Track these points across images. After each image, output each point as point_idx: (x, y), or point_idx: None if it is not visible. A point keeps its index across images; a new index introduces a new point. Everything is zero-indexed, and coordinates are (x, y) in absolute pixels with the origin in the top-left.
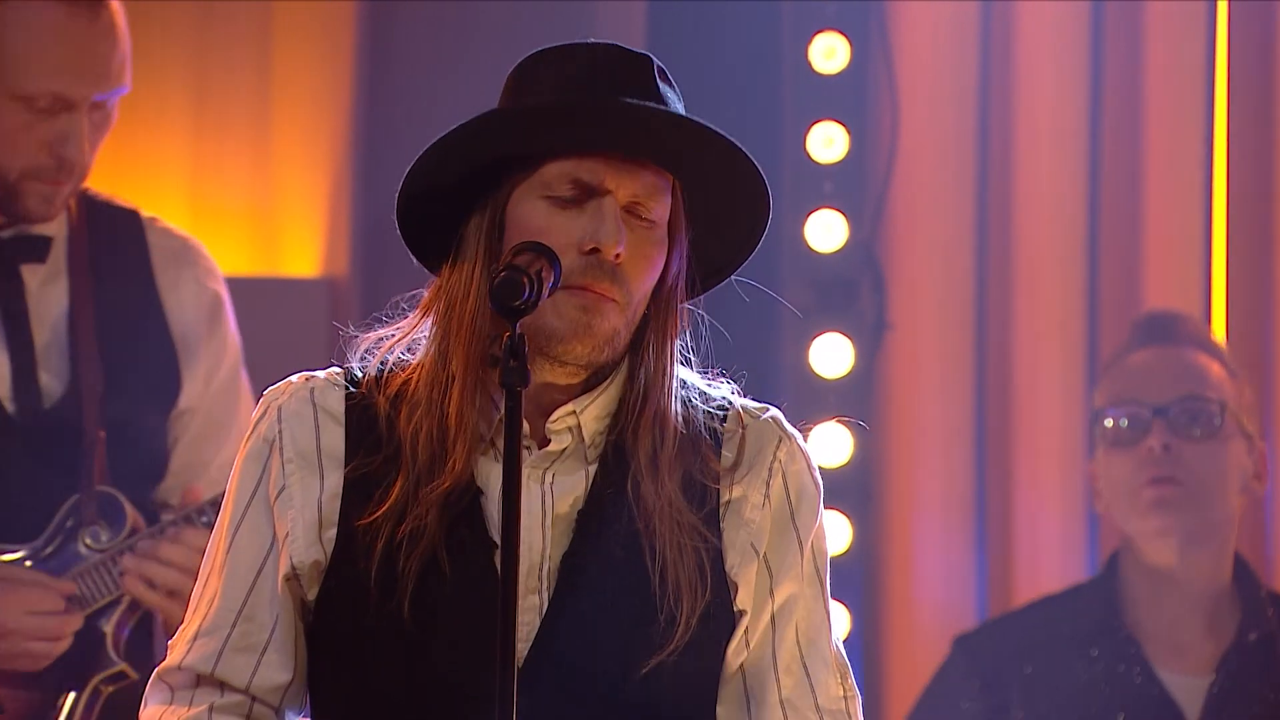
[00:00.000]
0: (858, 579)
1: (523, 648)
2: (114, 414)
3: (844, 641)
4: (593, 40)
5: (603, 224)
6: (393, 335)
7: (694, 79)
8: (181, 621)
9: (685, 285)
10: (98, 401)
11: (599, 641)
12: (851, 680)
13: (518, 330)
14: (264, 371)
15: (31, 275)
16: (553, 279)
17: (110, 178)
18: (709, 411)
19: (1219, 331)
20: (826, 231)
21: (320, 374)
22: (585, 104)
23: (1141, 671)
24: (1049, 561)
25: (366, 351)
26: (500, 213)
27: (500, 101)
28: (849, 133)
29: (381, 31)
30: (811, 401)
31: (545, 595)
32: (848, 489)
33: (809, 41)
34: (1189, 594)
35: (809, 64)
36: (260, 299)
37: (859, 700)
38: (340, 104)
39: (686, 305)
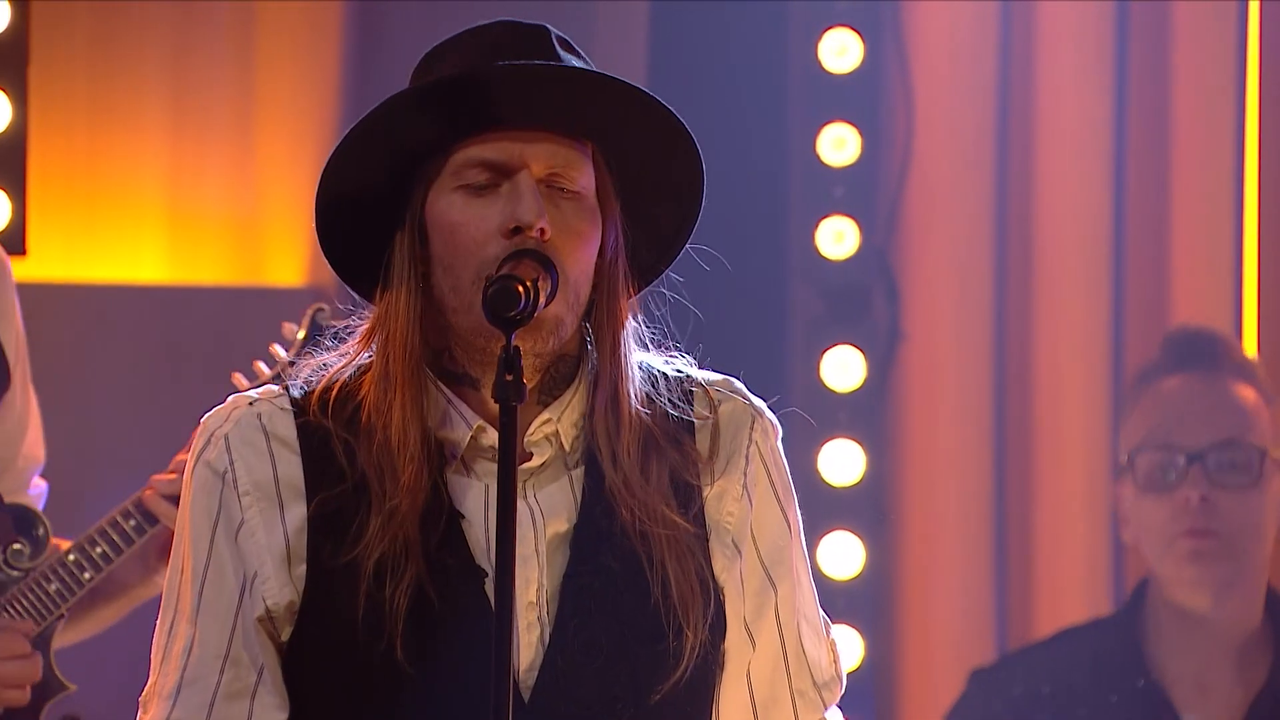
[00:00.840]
0: (870, 605)
1: (529, 678)
2: None
3: (855, 671)
4: (489, 21)
5: (520, 200)
6: (334, 364)
7: (698, 79)
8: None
9: (629, 262)
10: None
11: (608, 666)
12: (833, 637)
13: (513, 343)
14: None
15: None
16: (550, 288)
17: (85, 181)
18: (675, 398)
19: (1249, 346)
20: (837, 238)
21: (258, 395)
22: (466, 74)
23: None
24: (1072, 590)
25: (307, 380)
26: (419, 220)
27: None
28: (861, 135)
29: (371, 30)
30: (822, 416)
31: (547, 622)
32: (859, 509)
33: (819, 39)
34: (1219, 637)
35: (819, 62)
36: (243, 310)
37: (838, 646)
38: (327, 105)
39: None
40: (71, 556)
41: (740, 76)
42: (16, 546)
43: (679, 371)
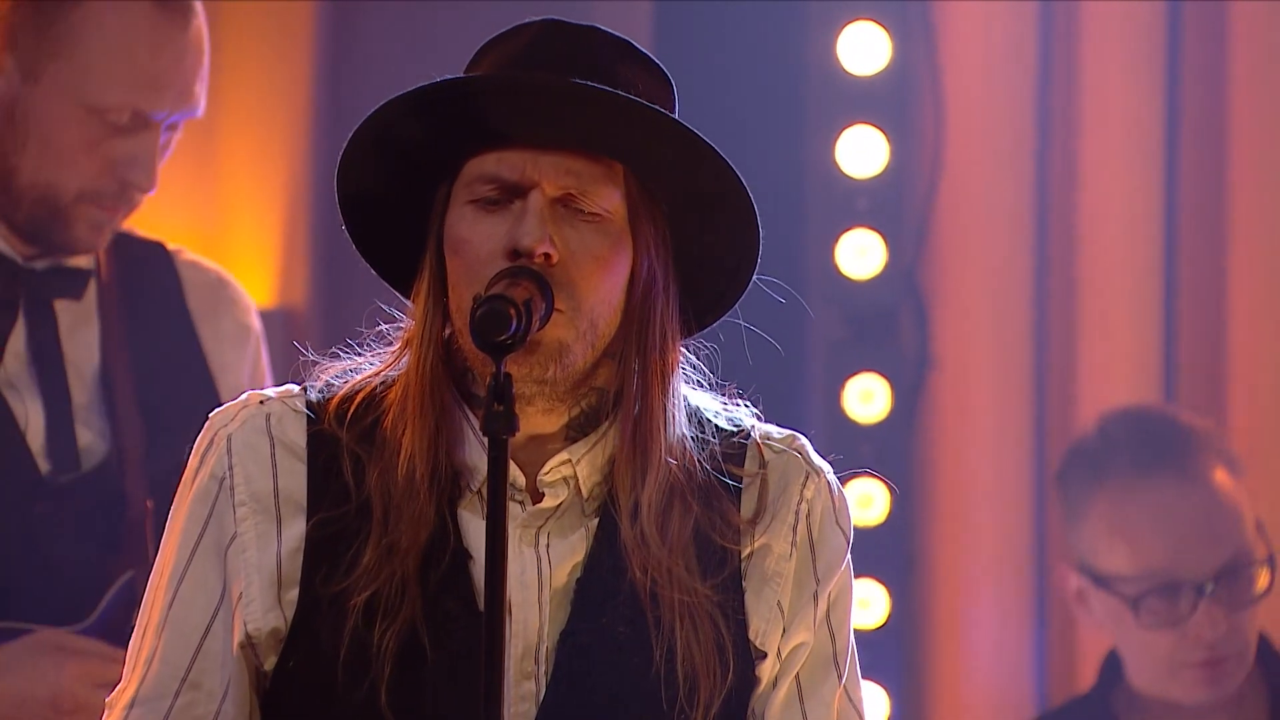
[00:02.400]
0: (896, 658)
1: None
2: (158, 479)
3: None
4: (541, 18)
5: (522, 221)
6: (363, 370)
7: (705, 80)
8: None
9: (671, 300)
10: (139, 464)
11: None
12: None
13: (503, 369)
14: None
15: (65, 313)
16: (544, 309)
17: None
18: (724, 452)
19: None
20: (861, 255)
21: (273, 394)
22: (465, 83)
23: None
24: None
25: (326, 385)
26: (440, 230)
27: None
28: (887, 140)
29: (345, 32)
30: (843, 451)
31: (543, 681)
32: (884, 553)
33: (838, 34)
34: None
35: (838, 61)
36: None
37: None
38: (297, 112)
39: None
40: None
41: (751, 77)
42: None
43: (734, 423)
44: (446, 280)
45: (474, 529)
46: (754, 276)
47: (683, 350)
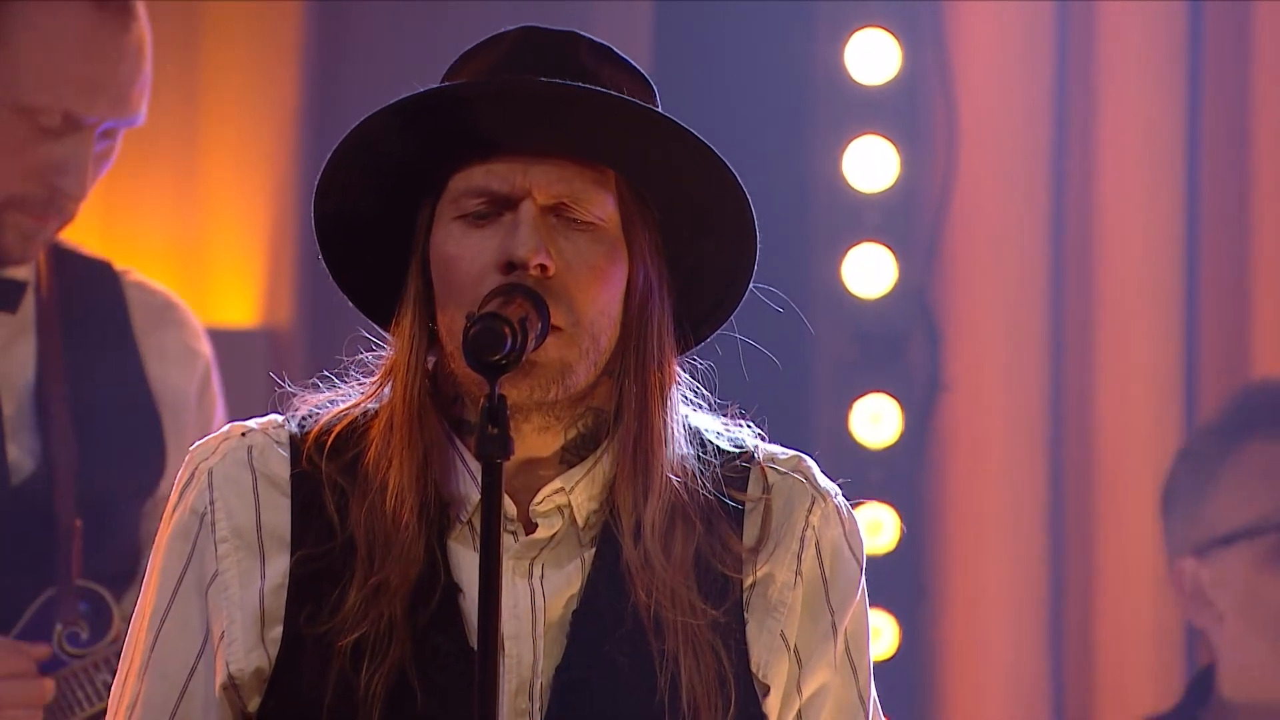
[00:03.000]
0: (906, 692)
1: None
2: (89, 498)
3: None
4: (519, 25)
5: (515, 233)
6: (341, 401)
7: (707, 88)
8: None
9: (667, 311)
10: (72, 483)
11: None
12: None
13: (498, 390)
14: (196, 436)
15: None
16: (540, 328)
17: None
18: (726, 475)
19: None
20: (869, 272)
21: (255, 426)
22: (445, 91)
23: None
24: (1139, 678)
25: (306, 416)
26: (424, 250)
27: None
28: (897, 152)
29: (334, 34)
30: (851, 476)
31: (538, 718)
32: (893, 583)
33: (845, 41)
34: None
35: (846, 69)
36: None
37: None
38: (283, 120)
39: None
40: None
41: (755, 85)
42: (75, 629)
43: (737, 444)
44: (432, 303)
45: (465, 562)
46: (751, 284)
47: (680, 369)
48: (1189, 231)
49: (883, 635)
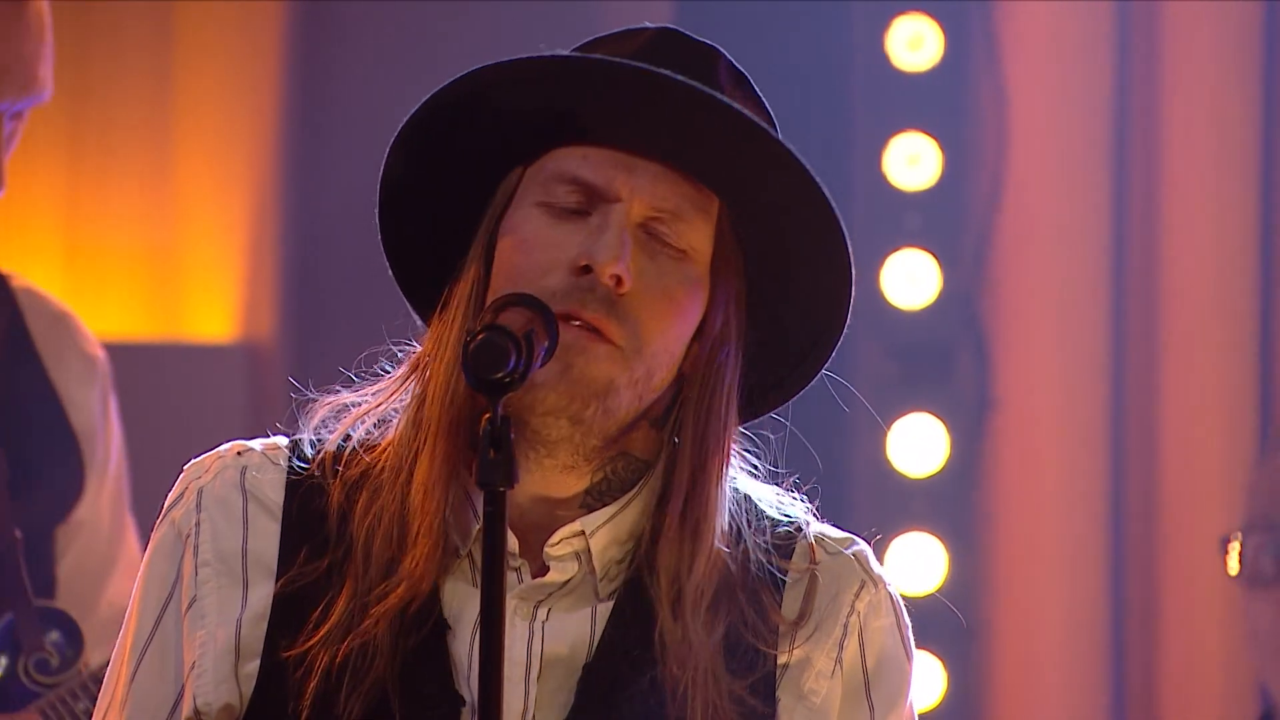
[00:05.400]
0: None
1: None
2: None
3: None
4: (658, 25)
5: (602, 235)
6: (362, 403)
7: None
8: None
9: (738, 367)
10: (4, 490)
11: None
12: None
13: (500, 411)
14: (165, 465)
15: None
16: (548, 343)
17: None
18: (772, 543)
19: None
20: (911, 280)
21: (257, 446)
22: (579, 60)
23: None
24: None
25: (323, 422)
26: (495, 228)
27: None
28: (941, 149)
29: (317, 35)
30: (891, 506)
31: None
32: (940, 623)
33: (886, 28)
34: None
35: (887, 57)
36: (160, 370)
37: None
38: (262, 124)
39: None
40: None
41: (786, 75)
42: (43, 655)
43: (787, 516)
44: (488, 289)
45: (458, 598)
46: (825, 368)
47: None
48: (1263, 235)
49: (929, 680)
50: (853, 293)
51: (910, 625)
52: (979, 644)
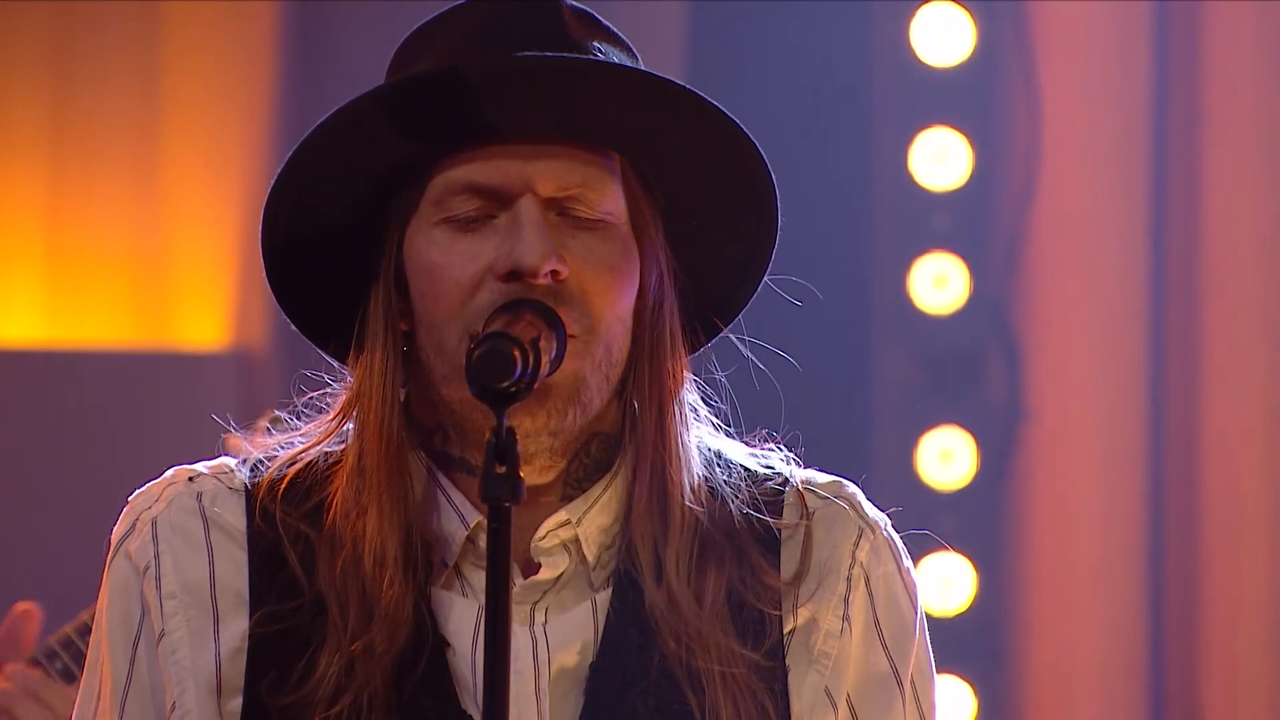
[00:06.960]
0: None
1: None
2: None
3: None
4: None
5: (518, 235)
6: (297, 444)
7: (751, 71)
8: None
9: (678, 314)
10: None
11: None
12: None
13: (505, 423)
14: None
15: None
16: (555, 349)
17: None
18: (757, 498)
19: None
20: (939, 284)
21: (205, 470)
22: (440, 72)
23: None
24: None
25: (258, 463)
26: (396, 263)
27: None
28: (971, 146)
29: (309, 34)
30: (918, 522)
31: None
32: (969, 645)
33: (911, 18)
34: None
35: (912, 50)
36: (149, 379)
37: None
38: (255, 126)
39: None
40: None
41: (807, 70)
42: None
43: (768, 468)
44: (403, 322)
45: (453, 612)
46: (765, 276)
47: (702, 392)
48: None
49: (958, 705)
50: (774, 183)
51: (909, 562)
52: (1010, 668)
